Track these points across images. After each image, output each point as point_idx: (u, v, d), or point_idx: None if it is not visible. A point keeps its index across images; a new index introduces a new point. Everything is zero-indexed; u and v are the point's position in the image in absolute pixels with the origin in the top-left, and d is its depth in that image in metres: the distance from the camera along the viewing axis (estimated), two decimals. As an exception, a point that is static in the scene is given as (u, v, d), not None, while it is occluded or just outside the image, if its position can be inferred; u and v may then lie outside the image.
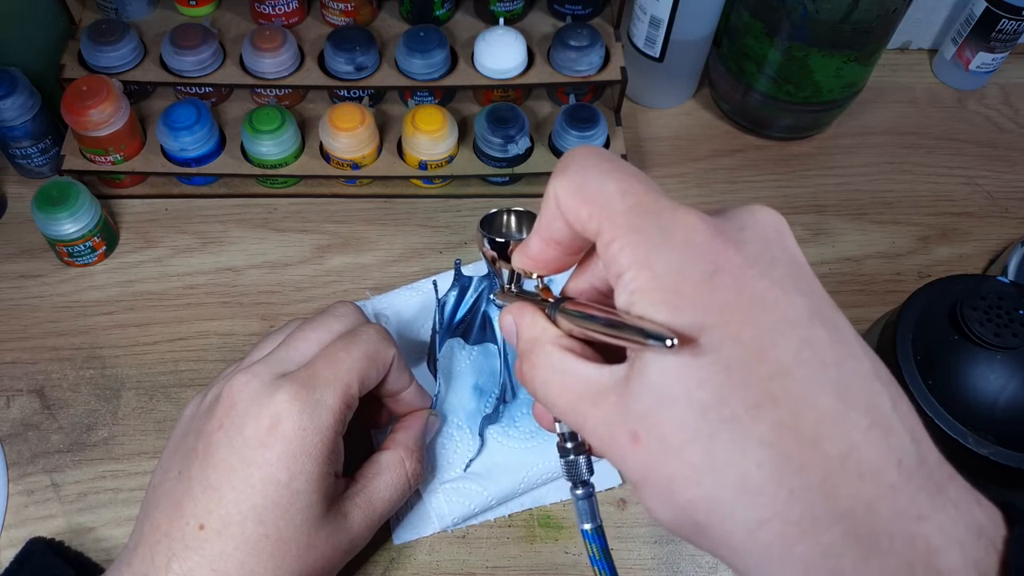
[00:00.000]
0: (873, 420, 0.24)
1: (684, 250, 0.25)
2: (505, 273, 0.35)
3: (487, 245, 0.35)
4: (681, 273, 0.24)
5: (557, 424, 0.32)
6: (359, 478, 0.42)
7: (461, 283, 0.51)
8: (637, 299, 0.25)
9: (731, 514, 0.23)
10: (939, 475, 0.24)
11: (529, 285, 0.34)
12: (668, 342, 0.23)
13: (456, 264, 0.51)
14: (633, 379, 0.25)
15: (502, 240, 0.35)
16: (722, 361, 0.24)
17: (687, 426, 0.24)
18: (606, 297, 0.30)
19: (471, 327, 0.52)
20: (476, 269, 0.55)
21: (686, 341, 0.24)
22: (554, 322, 0.30)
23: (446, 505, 0.47)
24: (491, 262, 0.36)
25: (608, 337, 0.26)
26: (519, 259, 0.32)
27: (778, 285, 0.25)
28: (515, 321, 0.31)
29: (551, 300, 0.31)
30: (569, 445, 0.32)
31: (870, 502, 0.23)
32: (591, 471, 0.32)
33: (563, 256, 0.30)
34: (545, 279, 0.33)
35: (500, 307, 0.34)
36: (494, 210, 0.37)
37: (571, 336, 0.29)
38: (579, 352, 0.29)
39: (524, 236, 0.35)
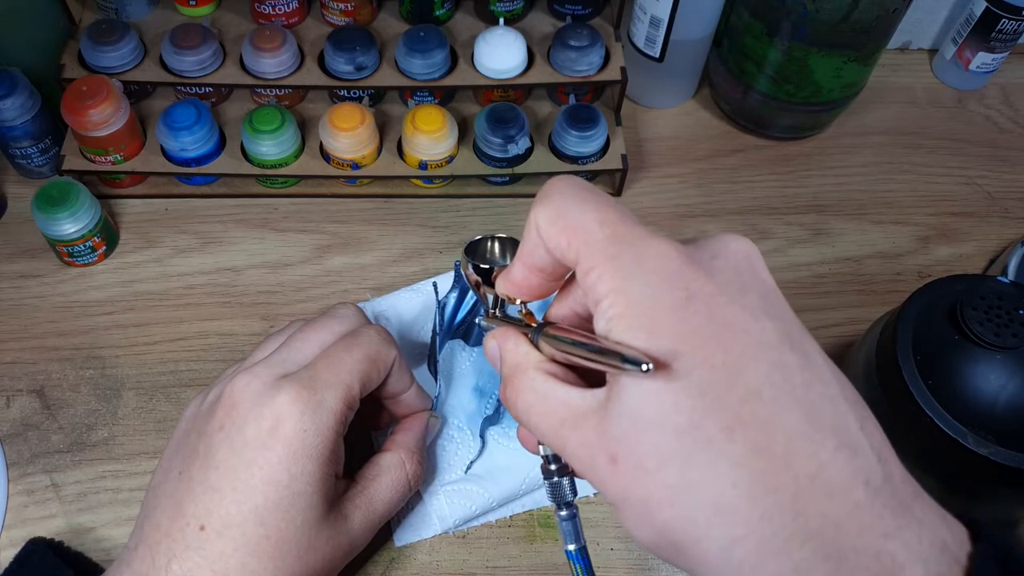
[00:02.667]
0: (840, 441, 0.25)
1: (659, 278, 0.26)
2: (490, 298, 0.36)
3: (471, 271, 0.36)
4: (656, 300, 0.26)
5: (541, 447, 0.33)
6: (359, 479, 0.42)
7: (461, 285, 0.51)
8: (615, 325, 0.26)
9: (706, 533, 0.24)
10: (904, 493, 0.25)
11: (513, 310, 0.34)
12: (644, 367, 0.24)
13: (456, 266, 0.51)
14: (611, 403, 0.26)
15: (486, 266, 0.36)
16: (695, 385, 0.24)
17: (663, 448, 0.25)
18: (587, 322, 0.30)
19: (471, 328, 0.52)
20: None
21: (661, 366, 0.25)
22: (537, 347, 0.31)
23: (447, 507, 0.47)
24: (475, 287, 0.37)
25: (588, 362, 0.27)
26: (502, 285, 0.33)
27: (749, 311, 0.26)
28: (499, 346, 0.32)
29: (534, 325, 0.32)
30: (553, 467, 0.33)
31: (838, 520, 0.24)
32: (575, 492, 0.33)
33: (545, 282, 0.31)
34: (528, 304, 0.34)
35: (486, 330, 0.34)
36: (478, 236, 0.38)
37: (553, 361, 0.30)
38: (561, 376, 0.29)
39: (507, 262, 0.36)
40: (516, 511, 0.49)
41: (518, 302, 0.33)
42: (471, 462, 0.49)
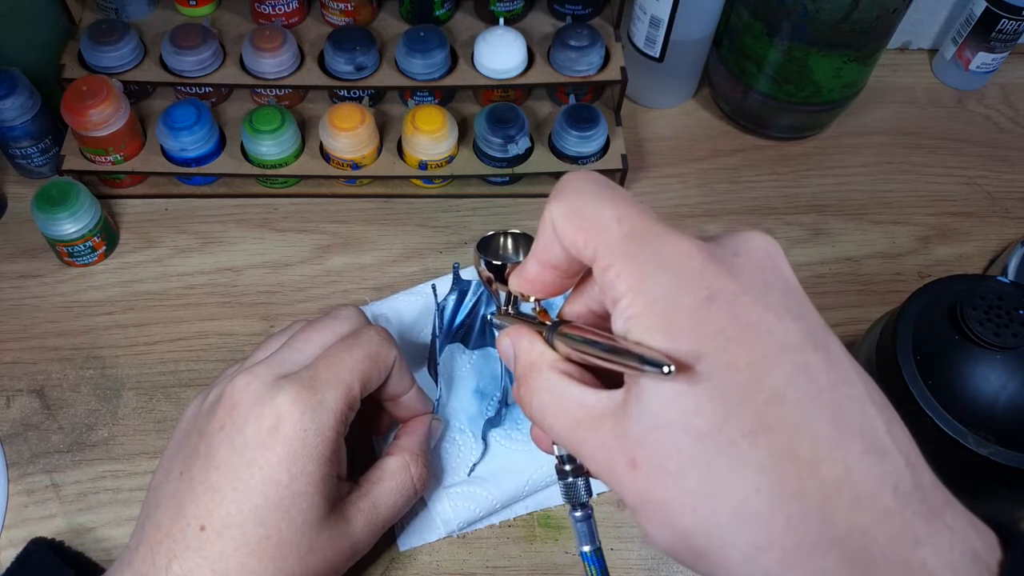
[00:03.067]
0: (868, 445, 0.24)
1: (679, 276, 0.25)
2: (502, 295, 0.35)
3: (484, 267, 0.36)
4: (676, 300, 0.25)
5: (555, 447, 0.32)
6: (363, 483, 0.42)
7: (460, 287, 0.51)
8: (633, 325, 0.25)
9: (730, 540, 0.24)
10: (934, 499, 0.24)
11: (526, 308, 0.34)
12: (665, 369, 0.23)
13: (455, 268, 0.51)
14: (630, 404, 0.25)
15: (499, 263, 0.35)
16: (718, 388, 0.24)
17: (684, 452, 0.24)
18: (603, 320, 0.30)
19: (471, 331, 0.52)
20: (474, 273, 0.55)
21: (682, 368, 0.24)
22: (552, 346, 0.30)
23: (451, 510, 0.47)
24: (488, 284, 0.36)
25: (605, 362, 0.26)
26: (516, 282, 0.32)
27: (772, 311, 0.25)
28: (513, 344, 0.31)
29: (548, 323, 0.31)
30: (567, 468, 0.32)
31: (866, 527, 0.23)
32: (590, 493, 0.33)
33: (560, 280, 0.30)
34: (542, 302, 0.33)
35: (499, 328, 0.34)
36: (491, 232, 0.37)
37: (568, 360, 0.29)
38: (576, 376, 0.29)
39: (520, 258, 0.35)
40: (519, 512, 0.49)
41: (532, 299, 0.33)
42: (474, 464, 0.49)
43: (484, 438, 0.49)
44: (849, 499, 0.23)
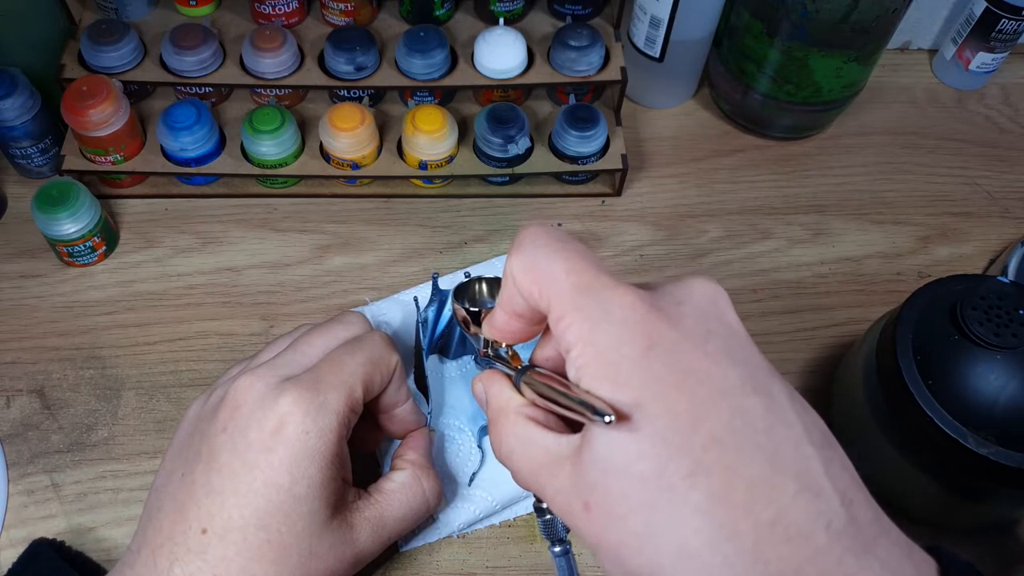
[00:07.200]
0: (802, 484, 0.25)
1: (623, 327, 0.27)
2: (481, 338, 0.36)
3: (461, 311, 0.38)
4: (620, 350, 0.26)
5: None
6: (373, 492, 0.42)
7: (439, 297, 0.51)
8: (583, 374, 0.27)
9: None
10: (869, 533, 0.25)
11: (501, 351, 0.35)
12: (606, 418, 0.25)
13: (434, 277, 0.51)
14: (584, 450, 0.27)
15: (475, 309, 0.37)
16: (658, 434, 0.25)
17: (630, 496, 0.25)
18: None
19: (449, 341, 0.52)
20: (453, 281, 0.54)
21: (622, 417, 0.25)
22: (520, 391, 0.32)
23: (451, 511, 0.47)
24: (466, 327, 0.38)
25: (562, 409, 0.28)
26: (487, 329, 0.34)
27: (711, 358, 0.26)
28: (485, 389, 0.33)
29: (518, 368, 0.32)
30: (545, 505, 0.33)
31: (798, 565, 0.24)
32: (568, 529, 0.34)
33: (526, 327, 0.32)
34: (513, 346, 0.35)
35: (486, 366, 0.35)
36: (466, 279, 0.39)
37: (535, 405, 0.31)
38: (541, 421, 0.30)
39: (495, 303, 0.37)
40: (519, 513, 0.49)
41: (504, 344, 0.34)
42: (473, 474, 0.48)
43: (480, 446, 0.49)
44: (782, 538, 0.24)
